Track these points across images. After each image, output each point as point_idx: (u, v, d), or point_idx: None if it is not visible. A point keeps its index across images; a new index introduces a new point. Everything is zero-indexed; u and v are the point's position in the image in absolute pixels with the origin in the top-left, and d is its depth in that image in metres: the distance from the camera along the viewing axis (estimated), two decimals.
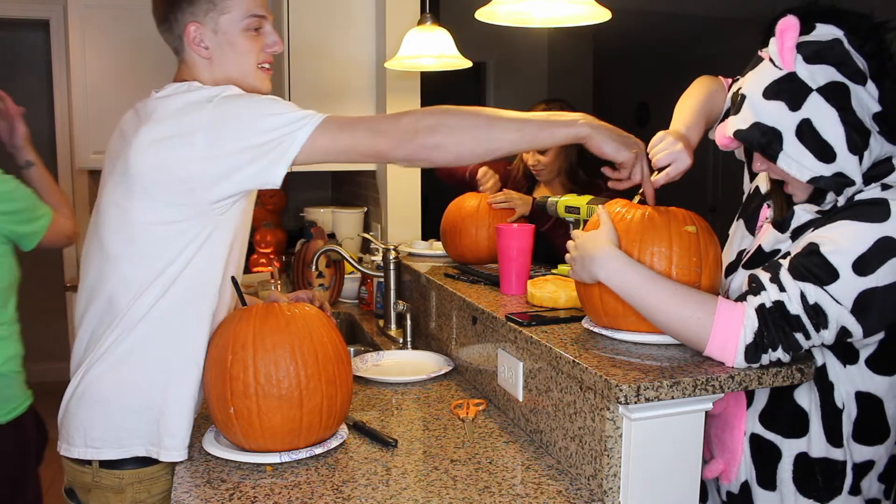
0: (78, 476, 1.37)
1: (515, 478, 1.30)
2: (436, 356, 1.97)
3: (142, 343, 1.31)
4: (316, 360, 1.32)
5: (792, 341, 1.13)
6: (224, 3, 1.32)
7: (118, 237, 1.31)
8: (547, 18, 1.63)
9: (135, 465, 1.34)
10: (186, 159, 1.23)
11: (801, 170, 1.16)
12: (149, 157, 1.25)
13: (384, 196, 2.76)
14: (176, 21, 1.34)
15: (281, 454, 1.33)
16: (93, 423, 1.33)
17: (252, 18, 1.35)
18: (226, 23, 1.33)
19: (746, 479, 1.30)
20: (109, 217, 1.32)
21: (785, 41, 1.16)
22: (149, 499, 1.36)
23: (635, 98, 7.17)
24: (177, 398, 1.33)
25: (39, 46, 4.65)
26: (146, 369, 1.32)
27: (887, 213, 1.12)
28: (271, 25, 1.39)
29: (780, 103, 1.16)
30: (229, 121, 1.24)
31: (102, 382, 1.32)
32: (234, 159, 1.24)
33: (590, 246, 1.26)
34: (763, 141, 1.18)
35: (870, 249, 1.10)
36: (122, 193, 1.29)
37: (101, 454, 1.33)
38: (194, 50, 1.35)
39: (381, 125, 1.28)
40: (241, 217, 1.36)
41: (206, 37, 1.34)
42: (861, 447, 1.24)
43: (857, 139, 1.15)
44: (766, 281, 1.15)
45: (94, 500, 1.36)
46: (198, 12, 1.32)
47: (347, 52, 2.76)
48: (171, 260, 1.29)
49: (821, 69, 1.16)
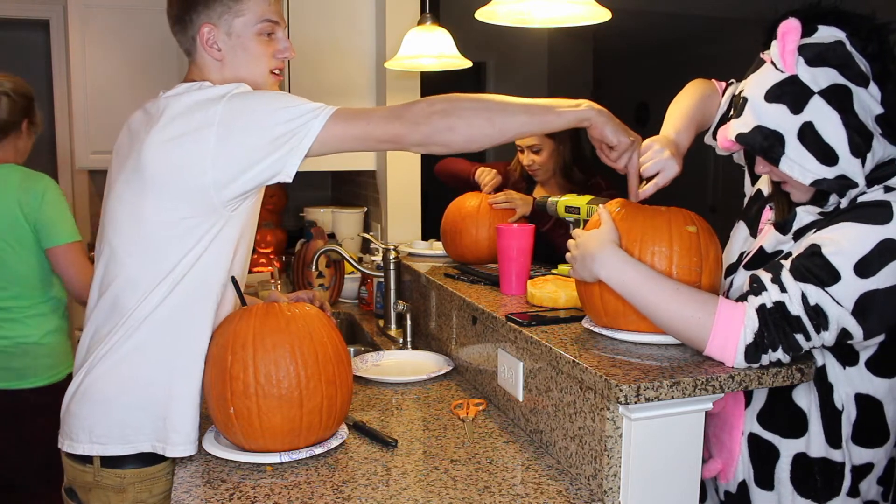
0: (79, 475, 1.37)
1: (515, 478, 1.30)
2: (436, 356, 1.96)
3: (146, 341, 1.31)
4: (316, 360, 1.31)
5: (792, 342, 1.13)
6: (239, 6, 1.34)
7: (126, 236, 1.31)
8: (547, 18, 1.63)
9: (136, 464, 1.34)
10: (200, 157, 1.24)
11: (803, 173, 1.16)
12: (161, 156, 1.26)
13: (384, 196, 2.76)
14: (191, 22, 1.35)
15: (281, 454, 1.33)
16: (96, 420, 1.33)
17: (266, 23, 1.36)
18: (240, 26, 1.35)
19: (744, 479, 1.30)
20: (118, 215, 1.32)
21: (787, 44, 1.16)
22: (150, 498, 1.36)
23: (635, 98, 7.17)
24: (181, 394, 1.33)
25: (39, 46, 4.64)
26: (150, 367, 1.32)
27: (890, 215, 1.12)
28: (284, 32, 1.41)
29: (782, 106, 1.16)
30: (242, 115, 1.25)
31: (106, 380, 1.32)
32: (249, 154, 1.24)
33: (591, 245, 1.26)
34: (765, 144, 1.17)
35: (871, 251, 1.10)
36: (133, 192, 1.30)
37: (107, 450, 1.33)
38: (207, 51, 1.36)
39: (395, 110, 1.30)
40: (248, 215, 1.36)
41: (219, 39, 1.35)
42: (860, 449, 1.24)
43: (860, 142, 1.15)
44: (768, 281, 1.15)
45: (94, 499, 1.36)
46: (213, 14, 1.33)
47: (347, 52, 2.76)
48: (178, 259, 1.29)
49: (823, 72, 1.15)
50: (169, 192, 1.27)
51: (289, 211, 3.82)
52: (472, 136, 1.29)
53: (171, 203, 1.27)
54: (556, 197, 1.88)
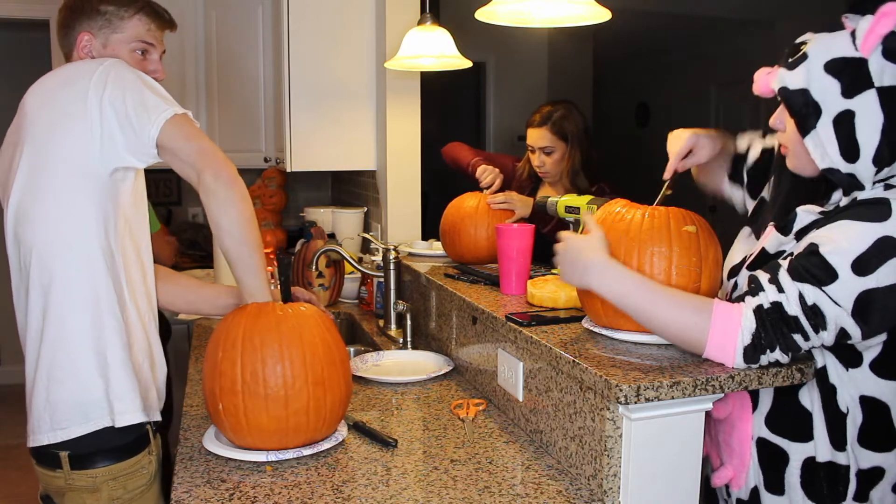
0: (51, 481, 1.36)
1: (515, 478, 1.30)
2: (436, 356, 1.96)
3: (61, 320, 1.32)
4: (303, 360, 1.31)
5: (790, 342, 1.12)
6: (119, 24, 1.45)
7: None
8: (547, 18, 1.63)
9: (106, 461, 1.34)
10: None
11: (822, 155, 1.14)
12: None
13: (384, 196, 2.76)
14: (72, 28, 1.45)
15: (268, 453, 1.33)
16: (56, 405, 1.32)
17: (140, 43, 1.47)
18: (115, 41, 1.45)
19: (756, 485, 1.27)
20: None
21: (878, 26, 1.10)
22: (125, 494, 1.36)
23: (635, 98, 7.17)
24: (113, 363, 1.33)
25: (39, 46, 4.64)
26: (78, 344, 1.32)
27: (888, 212, 1.10)
28: (159, 57, 1.51)
29: (837, 84, 1.12)
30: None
31: (51, 364, 1.32)
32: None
33: (583, 253, 1.24)
34: (803, 111, 1.14)
35: (869, 249, 1.08)
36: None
37: (70, 433, 1.32)
38: (81, 57, 1.45)
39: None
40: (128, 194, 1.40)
41: (94, 48, 1.45)
42: (868, 453, 1.21)
43: (887, 154, 1.12)
44: (765, 282, 1.14)
45: (69, 502, 1.36)
46: (94, 26, 1.44)
47: (347, 52, 2.76)
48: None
49: (893, 69, 1.11)
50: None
51: (289, 211, 3.82)
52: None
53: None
54: (556, 197, 1.88)
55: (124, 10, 1.45)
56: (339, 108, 2.77)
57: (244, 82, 3.38)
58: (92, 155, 1.30)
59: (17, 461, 3.64)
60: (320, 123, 2.76)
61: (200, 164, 1.31)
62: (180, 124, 1.31)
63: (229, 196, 1.31)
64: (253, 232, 1.34)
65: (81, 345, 1.32)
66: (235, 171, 1.33)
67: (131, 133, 1.29)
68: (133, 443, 1.36)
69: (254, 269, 1.37)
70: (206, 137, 1.35)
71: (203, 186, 1.31)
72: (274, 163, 3.31)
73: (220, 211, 1.31)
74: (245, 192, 1.34)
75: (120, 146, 1.30)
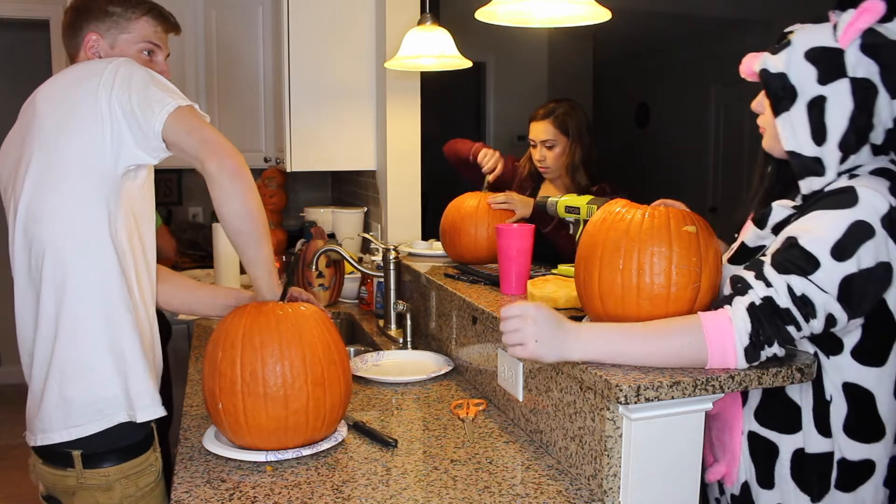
0: (59, 481, 1.36)
1: (515, 478, 1.30)
2: (436, 356, 1.97)
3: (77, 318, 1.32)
4: (303, 360, 1.31)
5: (785, 334, 1.14)
6: (127, 25, 1.46)
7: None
8: (547, 18, 1.63)
9: (117, 459, 1.34)
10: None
11: (790, 137, 1.20)
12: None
13: (384, 196, 2.76)
14: (80, 29, 1.46)
15: (267, 453, 1.33)
16: (71, 402, 1.32)
17: (147, 44, 1.48)
18: (123, 42, 1.47)
19: (746, 480, 1.29)
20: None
21: (858, 21, 1.16)
22: (137, 492, 1.36)
23: (635, 98, 7.17)
24: (131, 359, 1.34)
25: (39, 46, 4.64)
26: (93, 342, 1.32)
27: (855, 198, 1.14)
28: (163, 57, 1.52)
29: (814, 70, 1.18)
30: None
31: (64, 363, 1.32)
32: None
33: (551, 326, 1.18)
34: (780, 93, 1.21)
35: (844, 235, 1.12)
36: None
37: (86, 430, 1.32)
38: (88, 57, 1.45)
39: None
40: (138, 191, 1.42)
41: (101, 48, 1.46)
42: (854, 443, 1.22)
43: (853, 141, 1.17)
44: (751, 279, 1.16)
45: (80, 501, 1.35)
46: (101, 27, 1.45)
47: (347, 52, 2.76)
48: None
49: (867, 63, 1.16)
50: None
51: (289, 211, 3.83)
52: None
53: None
54: (556, 197, 1.88)
55: (132, 11, 1.46)
56: (339, 108, 2.77)
57: (244, 82, 3.38)
58: (104, 153, 1.30)
59: (17, 461, 3.64)
60: (320, 123, 2.76)
61: (204, 155, 1.30)
62: (184, 116, 1.30)
63: (234, 186, 1.30)
64: (258, 223, 1.33)
65: (96, 342, 1.32)
66: (242, 160, 1.32)
67: (138, 129, 1.29)
68: (143, 441, 1.37)
69: (260, 260, 1.37)
70: (211, 127, 1.33)
71: (208, 177, 1.30)
72: (274, 163, 3.31)
73: (224, 201, 1.31)
74: (251, 183, 1.33)
75: (130, 143, 1.30)
